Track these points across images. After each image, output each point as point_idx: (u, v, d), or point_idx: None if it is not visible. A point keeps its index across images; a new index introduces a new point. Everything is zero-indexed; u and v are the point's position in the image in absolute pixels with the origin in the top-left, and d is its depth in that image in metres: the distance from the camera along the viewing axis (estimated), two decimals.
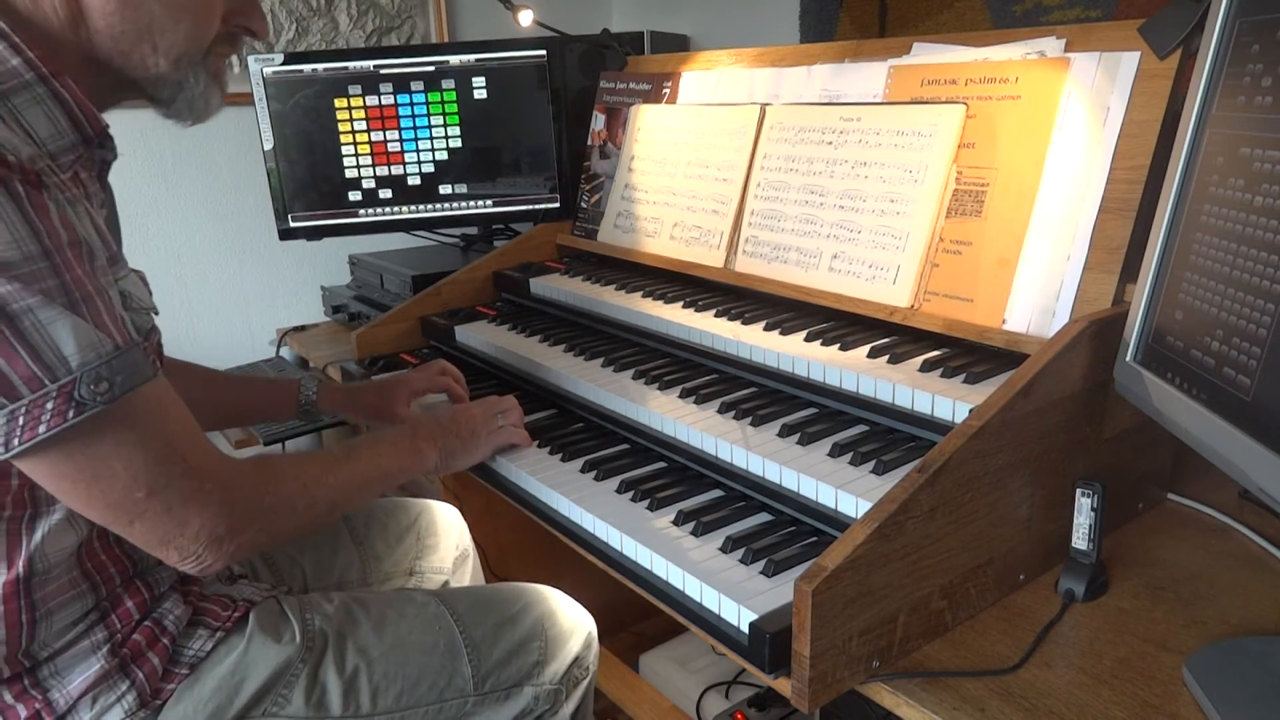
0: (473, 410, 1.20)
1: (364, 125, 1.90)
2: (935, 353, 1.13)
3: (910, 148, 1.20)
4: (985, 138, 1.14)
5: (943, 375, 1.06)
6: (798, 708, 0.80)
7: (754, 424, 1.12)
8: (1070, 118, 1.06)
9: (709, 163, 1.51)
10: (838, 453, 1.02)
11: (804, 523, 1.00)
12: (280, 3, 2.17)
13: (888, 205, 1.22)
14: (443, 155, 1.93)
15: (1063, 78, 1.07)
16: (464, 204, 1.96)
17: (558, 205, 1.95)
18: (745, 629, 0.84)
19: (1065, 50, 1.10)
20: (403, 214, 1.95)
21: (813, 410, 1.15)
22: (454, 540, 1.42)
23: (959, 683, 0.82)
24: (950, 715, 0.78)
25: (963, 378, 1.05)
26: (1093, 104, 1.05)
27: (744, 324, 1.31)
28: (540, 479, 1.15)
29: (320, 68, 1.86)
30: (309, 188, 1.91)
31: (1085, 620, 0.91)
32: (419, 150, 1.92)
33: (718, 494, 1.09)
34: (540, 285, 1.65)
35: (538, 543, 1.76)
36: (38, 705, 0.88)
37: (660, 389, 1.25)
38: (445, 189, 1.95)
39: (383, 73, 1.87)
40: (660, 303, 1.45)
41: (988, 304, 1.11)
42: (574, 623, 1.18)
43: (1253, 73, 0.78)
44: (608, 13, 2.61)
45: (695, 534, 0.99)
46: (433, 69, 1.88)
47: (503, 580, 1.82)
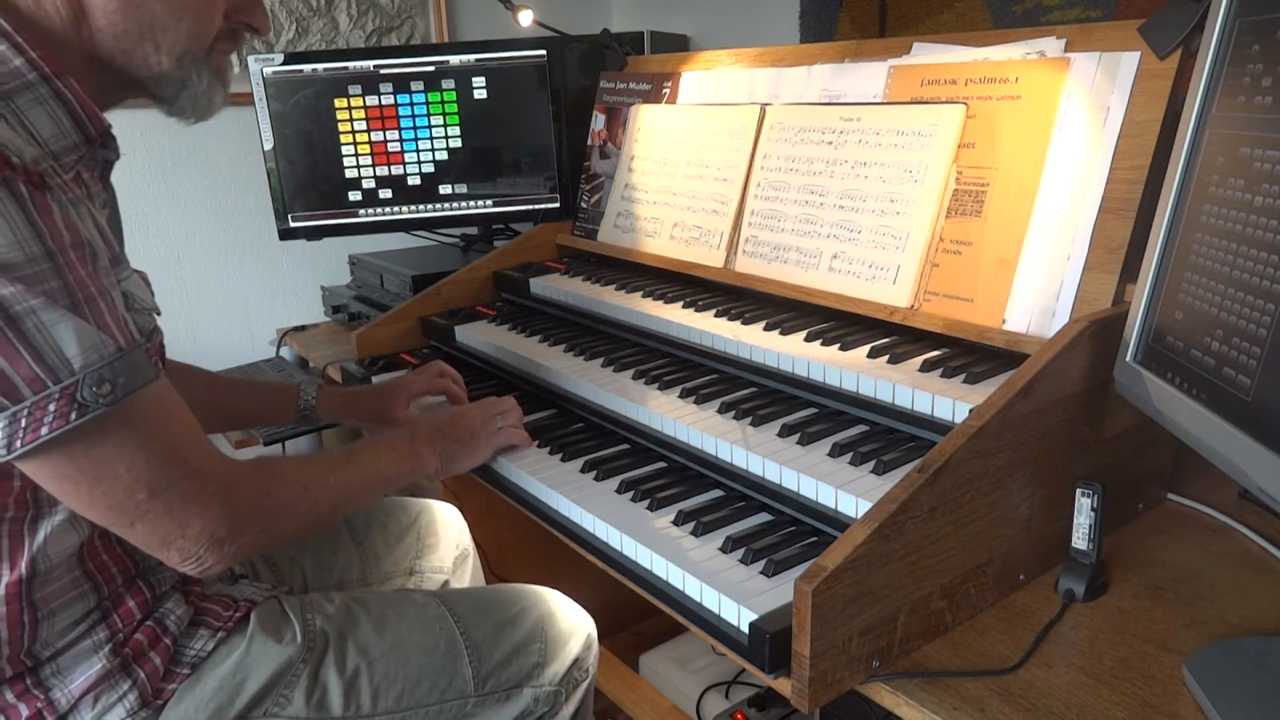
0: (471, 412, 1.20)
1: (364, 125, 1.89)
2: (935, 353, 1.13)
3: (910, 148, 1.20)
4: (985, 138, 1.14)
5: (943, 375, 1.06)
6: (798, 708, 0.80)
7: (754, 424, 1.12)
8: (1070, 118, 1.06)
9: (709, 163, 1.51)
10: (838, 453, 1.02)
11: (804, 523, 1.00)
12: (280, 3, 2.17)
13: (888, 205, 1.22)
14: (443, 155, 1.93)
15: (1063, 78, 1.07)
16: (464, 204, 1.96)
17: (558, 205, 1.95)
18: (745, 629, 0.84)
19: (1065, 50, 1.10)
20: (403, 214, 1.95)
21: (813, 410, 1.15)
22: (454, 540, 1.43)
23: (959, 683, 0.82)
24: (950, 715, 0.78)
25: (963, 378, 1.05)
26: (1093, 104, 1.05)
27: (744, 324, 1.31)
28: (540, 479, 1.15)
29: (320, 68, 1.86)
30: (309, 188, 1.91)
31: (1085, 620, 0.91)
32: (419, 150, 1.92)
33: (718, 494, 1.09)
34: (540, 285, 1.65)
35: (538, 543, 1.76)
36: (39, 704, 0.89)
37: (660, 389, 1.25)
38: (445, 189, 1.95)
39: (383, 73, 1.87)
40: (660, 303, 1.45)
41: (988, 304, 1.11)
42: (574, 624, 1.18)
43: (1253, 73, 0.78)
44: (608, 13, 2.61)
45: (695, 534, 0.99)
46: (433, 69, 1.88)
47: (503, 580, 1.82)
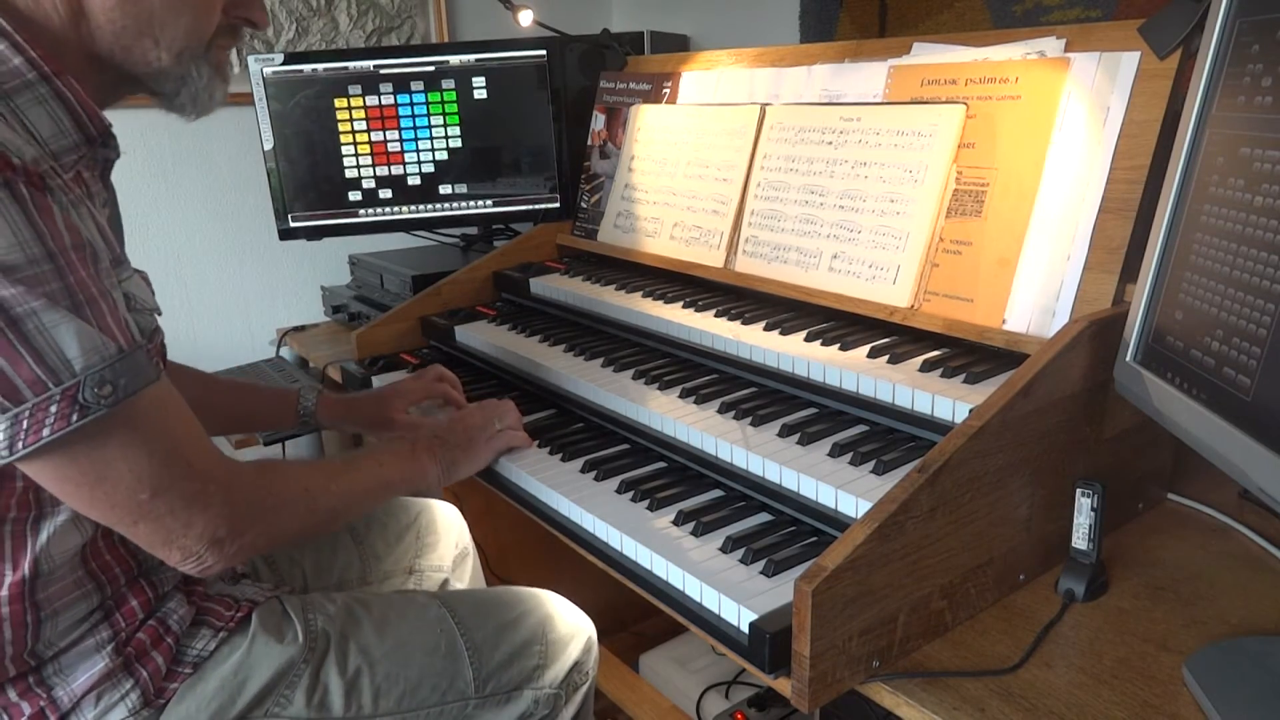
0: (470, 418, 1.20)
1: (364, 125, 1.89)
2: (935, 353, 1.13)
3: (910, 148, 1.20)
4: (985, 138, 1.14)
5: (943, 375, 1.06)
6: (798, 708, 0.80)
7: (754, 424, 1.12)
8: (1070, 118, 1.06)
9: (709, 163, 1.51)
10: (838, 453, 1.02)
11: (804, 523, 1.00)
12: (280, 3, 2.17)
13: (888, 205, 1.22)
14: (443, 155, 1.93)
15: (1063, 78, 1.07)
16: (464, 204, 1.96)
17: (558, 205, 1.95)
18: (745, 629, 0.84)
19: (1065, 50, 1.10)
20: (403, 214, 1.95)
21: (813, 410, 1.15)
22: (454, 539, 1.43)
23: (959, 683, 0.82)
24: (950, 715, 0.78)
25: (963, 378, 1.05)
26: (1093, 104, 1.05)
27: (744, 324, 1.31)
28: (540, 479, 1.15)
29: (320, 68, 1.86)
30: (309, 188, 1.91)
31: (1085, 620, 0.91)
32: (419, 150, 1.92)
33: (718, 494, 1.09)
34: (540, 285, 1.65)
35: (538, 543, 1.76)
36: (42, 703, 0.89)
37: (660, 389, 1.25)
38: (445, 189, 1.95)
39: (383, 73, 1.87)
40: (660, 303, 1.45)
41: (988, 304, 1.11)
42: (574, 627, 1.18)
43: (1253, 73, 0.78)
44: (608, 13, 2.61)
45: (695, 534, 0.99)
46: (433, 69, 1.88)
47: (503, 580, 1.83)
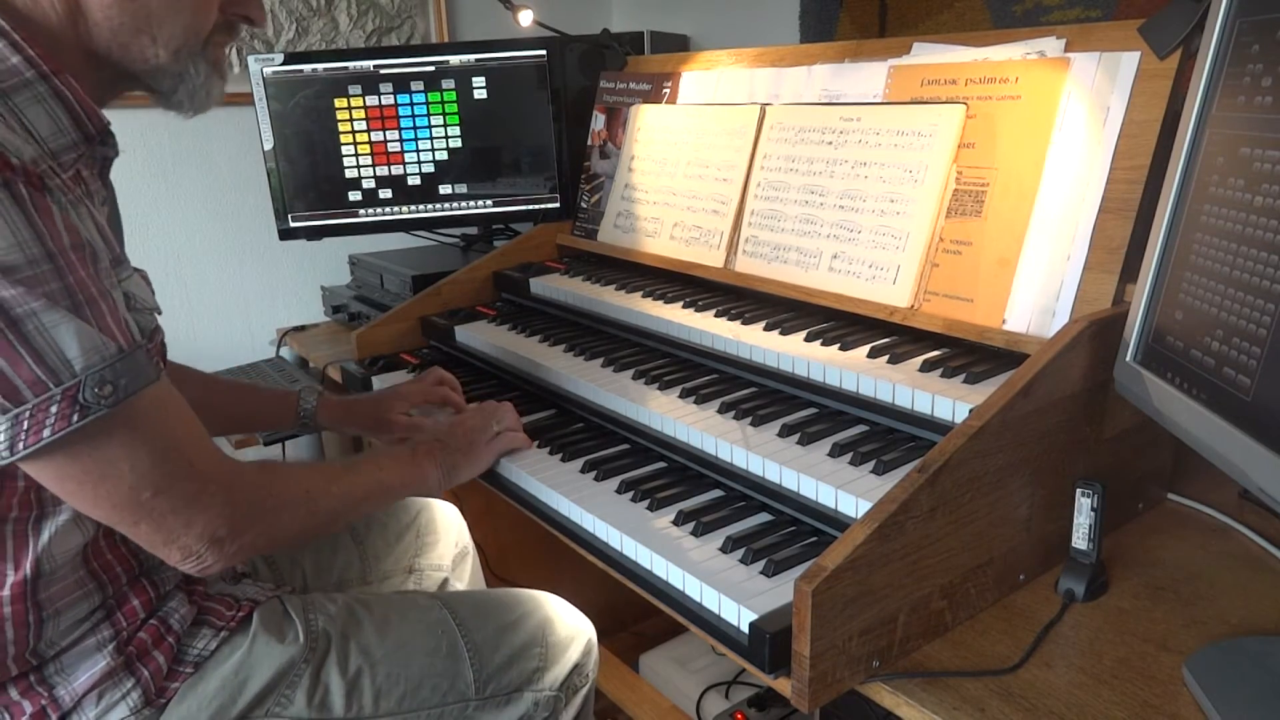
0: (469, 421, 1.20)
1: (364, 125, 1.89)
2: (935, 353, 1.13)
3: (910, 148, 1.20)
4: (985, 138, 1.14)
5: (943, 375, 1.06)
6: (798, 708, 0.80)
7: (754, 424, 1.12)
8: (1070, 118, 1.06)
9: (709, 163, 1.51)
10: (838, 453, 1.02)
11: (804, 523, 1.00)
12: (280, 3, 2.17)
13: (888, 205, 1.22)
14: (443, 155, 1.93)
15: (1063, 78, 1.07)
16: (464, 204, 1.96)
17: (558, 205, 1.95)
18: (745, 629, 0.84)
19: (1065, 50, 1.10)
20: (403, 214, 1.95)
21: (813, 410, 1.15)
22: (453, 538, 1.43)
23: (959, 683, 0.82)
24: (950, 715, 0.78)
25: (963, 378, 1.05)
26: (1093, 104, 1.05)
27: (744, 324, 1.31)
28: (540, 479, 1.15)
29: (320, 68, 1.86)
30: (309, 188, 1.91)
31: (1085, 620, 0.91)
32: (419, 150, 1.92)
33: (718, 494, 1.09)
34: (540, 285, 1.65)
35: (538, 543, 1.76)
36: (43, 701, 0.89)
37: (660, 389, 1.25)
38: (445, 189, 1.95)
39: (383, 73, 1.87)
40: (660, 303, 1.45)
41: (988, 304, 1.11)
42: (574, 630, 1.18)
43: (1253, 73, 0.78)
44: (608, 13, 2.61)
45: (695, 534, 0.99)
46: (433, 69, 1.88)
47: (503, 580, 1.83)
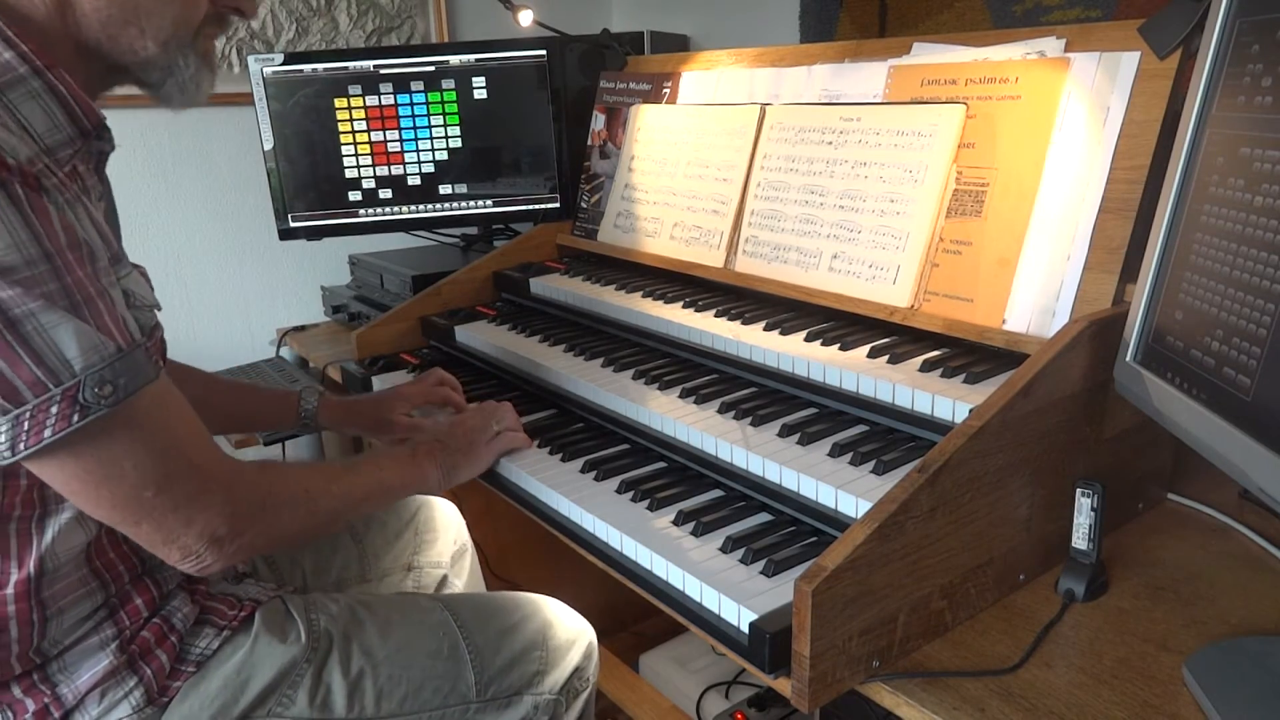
0: (469, 421, 1.20)
1: (364, 125, 1.89)
2: (935, 353, 1.13)
3: (910, 148, 1.20)
4: (985, 138, 1.14)
5: (943, 375, 1.06)
6: (798, 708, 0.80)
7: (754, 424, 1.12)
8: (1070, 118, 1.06)
9: (709, 163, 1.51)
10: (838, 453, 1.02)
11: (804, 523, 1.00)
12: (280, 3, 2.17)
13: (888, 205, 1.22)
14: (443, 155, 1.93)
15: (1063, 78, 1.07)
16: (464, 204, 1.96)
17: (558, 205, 1.95)
18: (745, 629, 0.84)
19: (1065, 50, 1.10)
20: (403, 214, 1.95)
21: (813, 410, 1.15)
22: (452, 535, 1.42)
23: (959, 683, 0.82)
24: (950, 715, 0.78)
25: (963, 378, 1.05)
26: (1093, 104, 1.05)
27: (744, 324, 1.31)
28: (540, 479, 1.15)
29: (320, 68, 1.86)
30: (309, 188, 1.91)
31: (1085, 620, 0.91)
32: (419, 150, 1.92)
33: (718, 494, 1.09)
34: (540, 285, 1.65)
35: (538, 543, 1.76)
36: (46, 700, 0.89)
37: (660, 389, 1.25)
38: (445, 189, 1.95)
39: (383, 73, 1.87)
40: (660, 303, 1.45)
41: (988, 304, 1.11)
42: (574, 633, 1.18)
43: (1253, 73, 0.78)
44: (608, 13, 2.61)
45: (695, 534, 0.99)
46: (433, 69, 1.88)
47: (503, 580, 1.83)
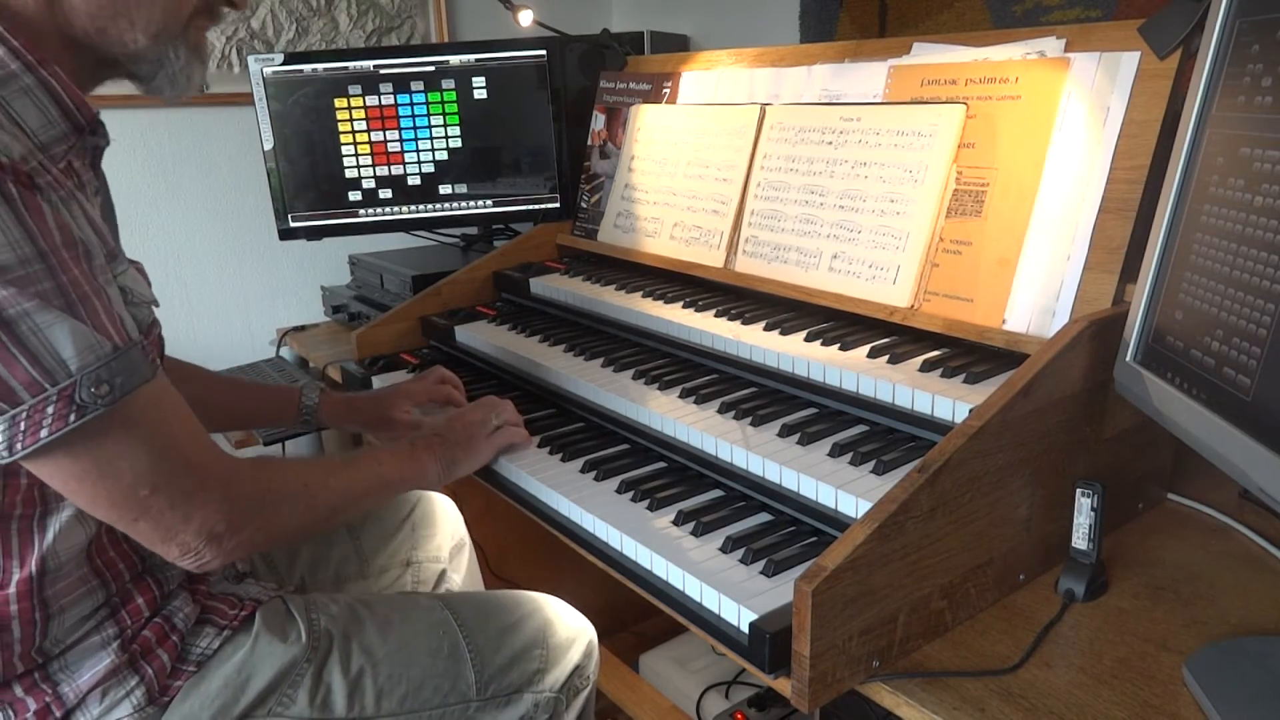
0: (469, 416, 1.20)
1: (364, 125, 1.89)
2: (935, 353, 1.13)
3: (910, 148, 1.20)
4: (985, 138, 1.14)
5: (943, 375, 1.06)
6: (798, 708, 0.80)
7: (754, 424, 1.12)
8: (1070, 118, 1.06)
9: (709, 163, 1.51)
10: (838, 453, 1.02)
11: (804, 523, 1.00)
12: (280, 3, 2.17)
13: (888, 205, 1.22)
14: (443, 155, 1.93)
15: (1063, 78, 1.07)
16: (464, 204, 1.96)
17: (558, 205, 1.95)
18: (745, 629, 0.84)
19: (1065, 50, 1.10)
20: (403, 214, 1.95)
21: (813, 410, 1.15)
22: (449, 529, 1.42)
23: (959, 683, 0.82)
24: (950, 715, 0.78)
25: (963, 378, 1.05)
26: (1093, 104, 1.05)
27: (744, 324, 1.31)
28: (540, 479, 1.15)
29: (320, 68, 1.86)
30: (309, 188, 1.91)
31: (1085, 620, 0.91)
32: (419, 150, 1.92)
33: (718, 494, 1.09)
34: (540, 285, 1.65)
35: (538, 543, 1.76)
36: (47, 699, 0.89)
37: (660, 389, 1.25)
38: (445, 189, 1.95)
39: (383, 73, 1.87)
40: (660, 303, 1.45)
41: (988, 304, 1.11)
42: (574, 631, 1.18)
43: (1253, 73, 0.78)
44: (608, 13, 2.61)
45: (695, 534, 0.99)
46: (433, 69, 1.88)
47: (503, 580, 1.83)
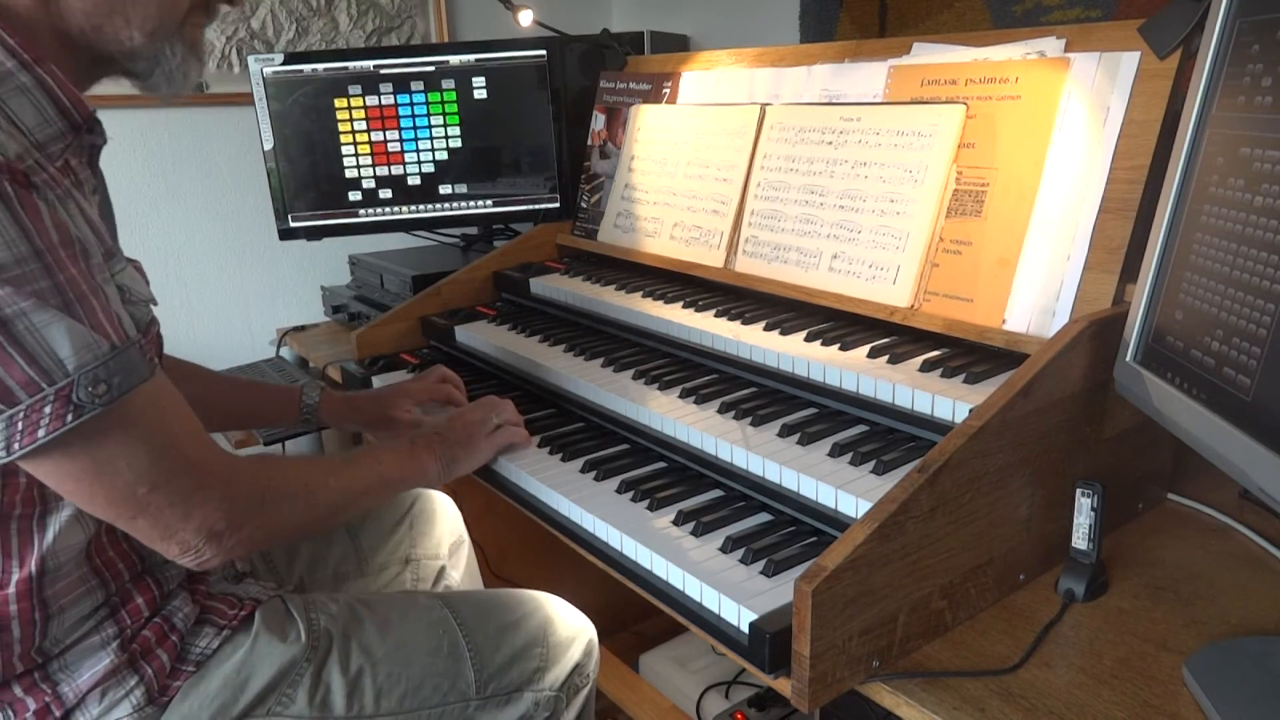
0: (469, 415, 1.20)
1: (364, 125, 1.89)
2: (935, 353, 1.13)
3: (910, 148, 1.20)
4: (985, 138, 1.14)
5: (943, 375, 1.06)
6: (798, 708, 0.80)
7: (754, 424, 1.12)
8: (1070, 118, 1.06)
9: (709, 163, 1.51)
10: (838, 453, 1.02)
11: (804, 523, 1.00)
12: (280, 3, 2.17)
13: (888, 205, 1.22)
14: (443, 155, 1.93)
15: (1063, 78, 1.07)
16: (464, 204, 1.96)
17: (558, 205, 1.95)
18: (745, 629, 0.84)
19: (1065, 50, 1.10)
20: (403, 214, 1.95)
21: (813, 410, 1.15)
22: (448, 526, 1.42)
23: (959, 683, 0.82)
24: (950, 715, 0.78)
25: (963, 378, 1.05)
26: (1093, 104, 1.05)
27: (744, 324, 1.31)
28: (540, 479, 1.15)
29: (320, 68, 1.86)
30: (309, 188, 1.91)
31: (1085, 620, 0.91)
32: (419, 150, 1.92)
33: (718, 494, 1.09)
34: (540, 285, 1.65)
35: (538, 543, 1.76)
36: (47, 698, 0.89)
37: (660, 389, 1.25)
38: (445, 189, 1.95)
39: (383, 73, 1.87)
40: (660, 303, 1.45)
41: (988, 304, 1.11)
42: (574, 630, 1.18)
43: (1253, 73, 0.78)
44: (608, 13, 2.61)
45: (695, 534, 0.99)
46: (433, 69, 1.88)
47: (503, 580, 1.83)
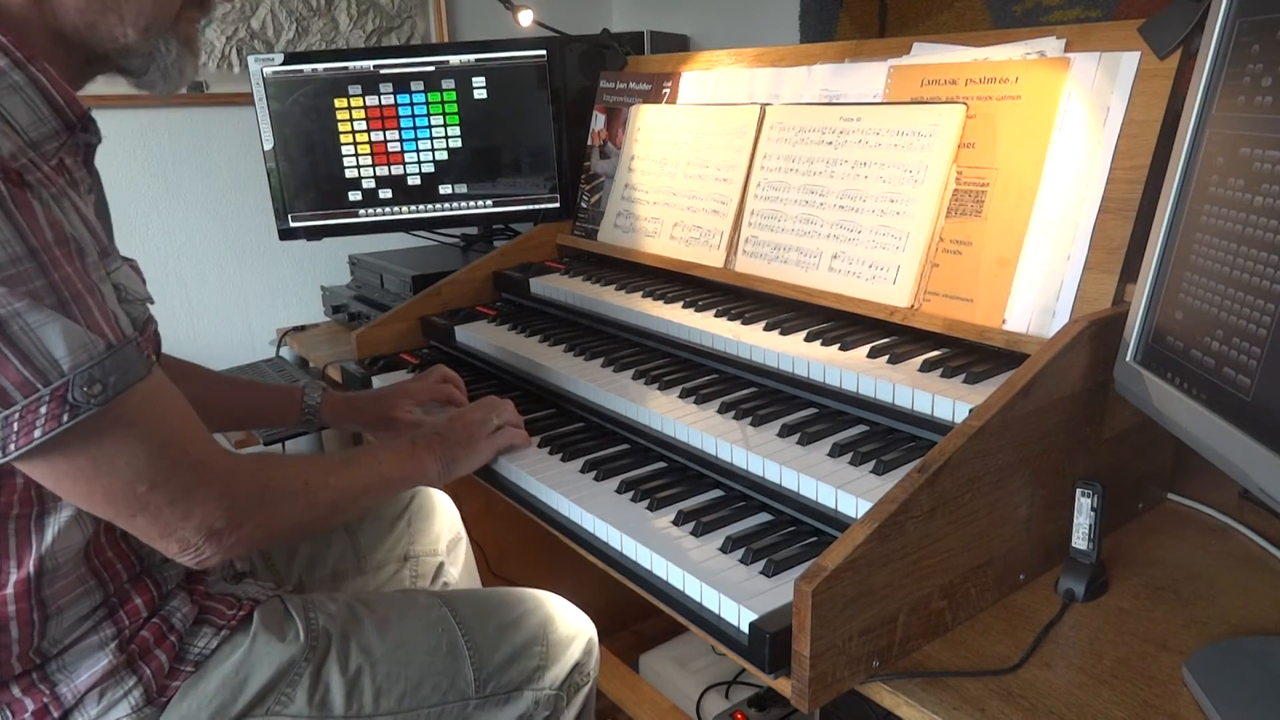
0: (470, 415, 1.20)
1: (364, 125, 1.90)
2: (935, 353, 1.13)
3: (910, 148, 1.20)
4: (985, 138, 1.14)
5: (943, 375, 1.06)
6: (798, 708, 0.80)
7: (754, 424, 1.12)
8: (1070, 118, 1.06)
9: (709, 163, 1.51)
10: (838, 453, 1.02)
11: (804, 523, 1.00)
12: (280, 3, 2.17)
13: (888, 205, 1.22)
14: (443, 155, 1.93)
15: (1063, 78, 1.07)
16: (464, 204, 1.96)
17: (558, 205, 1.95)
18: (745, 629, 0.84)
19: (1065, 50, 1.10)
20: (403, 214, 1.95)
21: (813, 410, 1.15)
22: (447, 523, 1.42)
23: (959, 683, 0.82)
24: (950, 715, 0.78)
25: (963, 378, 1.05)
26: (1093, 104, 1.05)
27: (744, 324, 1.31)
28: (540, 479, 1.15)
29: (320, 68, 1.86)
30: (309, 188, 1.91)
31: (1085, 620, 0.91)
32: (419, 150, 1.92)
33: (718, 494, 1.09)
34: (540, 285, 1.65)
35: (538, 543, 1.76)
36: (45, 699, 0.89)
37: (660, 389, 1.25)
38: (445, 189, 1.95)
39: (383, 73, 1.87)
40: (660, 303, 1.45)
41: (988, 304, 1.11)
42: (575, 629, 1.18)
43: (1253, 73, 0.78)
44: (608, 13, 2.61)
45: (695, 534, 0.99)
46: (433, 69, 1.88)
47: (503, 580, 1.83)
